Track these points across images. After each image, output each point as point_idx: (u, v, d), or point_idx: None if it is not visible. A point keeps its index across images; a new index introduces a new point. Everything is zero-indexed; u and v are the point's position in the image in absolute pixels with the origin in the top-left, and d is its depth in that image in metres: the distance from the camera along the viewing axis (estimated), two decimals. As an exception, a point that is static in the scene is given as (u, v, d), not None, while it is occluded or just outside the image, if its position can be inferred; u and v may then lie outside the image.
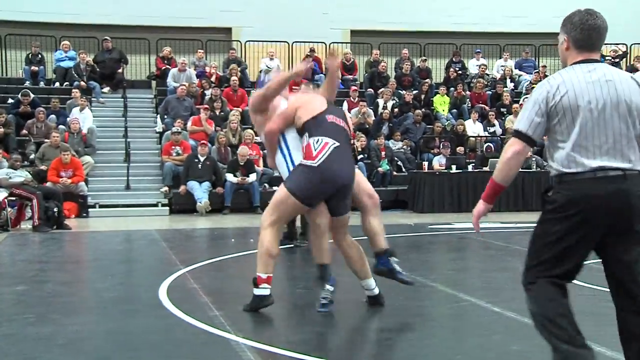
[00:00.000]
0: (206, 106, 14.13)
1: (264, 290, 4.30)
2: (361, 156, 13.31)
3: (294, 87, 7.50)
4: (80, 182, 11.97)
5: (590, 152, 2.57)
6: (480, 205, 2.73)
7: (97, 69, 15.35)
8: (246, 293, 4.55)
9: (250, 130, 13.16)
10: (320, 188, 4.15)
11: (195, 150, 12.80)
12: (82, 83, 14.86)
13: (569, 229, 2.57)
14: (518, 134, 2.65)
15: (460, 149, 14.51)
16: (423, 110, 15.39)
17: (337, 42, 16.89)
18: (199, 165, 12.44)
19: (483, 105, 15.68)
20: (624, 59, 16.99)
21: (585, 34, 2.64)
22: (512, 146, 2.65)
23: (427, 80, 16.30)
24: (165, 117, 14.33)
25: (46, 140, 12.62)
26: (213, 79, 15.53)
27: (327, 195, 4.20)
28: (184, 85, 14.54)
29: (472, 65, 17.25)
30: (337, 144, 4.20)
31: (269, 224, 4.25)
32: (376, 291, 4.55)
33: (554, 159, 2.65)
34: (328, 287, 4.26)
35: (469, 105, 15.76)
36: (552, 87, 2.63)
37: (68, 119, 13.50)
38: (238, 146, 13.04)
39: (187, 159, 12.57)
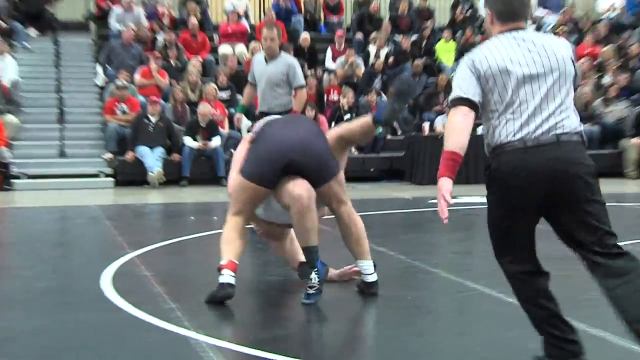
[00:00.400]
0: (158, 54, 14.01)
1: (222, 278, 4.38)
2: (348, 116, 13.30)
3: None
4: (1, 148, 11.89)
5: (521, 120, 2.91)
6: (444, 182, 2.90)
7: (20, 6, 15.06)
8: (208, 281, 4.60)
9: (213, 85, 13.12)
10: (267, 158, 4.40)
11: (145, 108, 12.76)
12: (1, 23, 14.60)
13: (509, 207, 2.94)
14: (457, 101, 2.94)
15: (468, 108, 14.62)
16: (424, 59, 15.35)
17: (319, -25, 16.75)
18: (150, 128, 12.40)
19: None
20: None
21: (507, 4, 2.97)
22: (456, 113, 2.93)
23: (428, 22, 16.23)
24: (108, 67, 14.19)
25: (-43, 95, 12.52)
26: (166, 21, 15.37)
27: (281, 165, 4.37)
28: (131, 28, 14.35)
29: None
30: (278, 116, 4.61)
31: (230, 215, 4.53)
32: (371, 278, 4.62)
33: (487, 132, 3.01)
34: (314, 274, 4.34)
35: (479, 53, 15.78)
36: (478, 56, 2.96)
37: (-17, 68, 13.38)
38: (198, 104, 12.99)
39: (135, 119, 12.52)
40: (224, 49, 14.89)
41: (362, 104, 13.87)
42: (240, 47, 15.02)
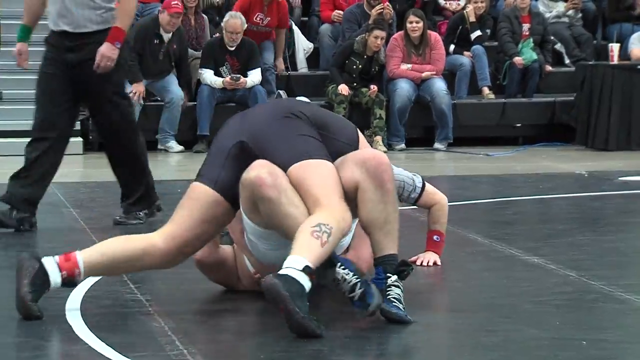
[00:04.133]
0: None
1: None
2: (477, 33, 13.13)
3: None
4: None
5: None
6: None
7: None
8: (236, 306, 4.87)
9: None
10: (213, 151, 5.24)
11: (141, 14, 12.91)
12: None
13: None
14: None
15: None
16: None
17: None
18: (160, 52, 12.40)
19: None
20: None
21: None
22: None
23: None
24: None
25: None
26: None
27: (225, 154, 5.10)
28: None
29: None
30: None
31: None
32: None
33: None
34: (339, 270, 4.79)
35: None
36: None
37: None
38: (223, 9, 13.00)
39: (138, 32, 12.48)
40: None
41: (505, 13, 13.69)
42: None
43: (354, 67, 12.85)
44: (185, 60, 12.66)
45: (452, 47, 13.59)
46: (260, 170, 4.82)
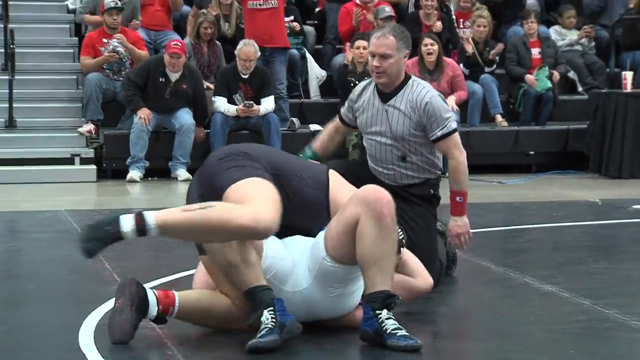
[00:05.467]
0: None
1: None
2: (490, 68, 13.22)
3: None
4: None
5: None
6: None
7: None
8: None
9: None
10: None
11: (155, 49, 12.88)
12: None
13: None
14: None
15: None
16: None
17: None
18: (167, 92, 12.40)
19: None
20: None
21: None
22: None
23: None
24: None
25: None
26: None
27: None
28: None
29: None
30: None
31: None
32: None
33: None
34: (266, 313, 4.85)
35: None
36: None
37: None
38: (235, 39, 13.00)
39: (141, 67, 12.54)
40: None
41: (513, 43, 13.71)
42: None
43: (352, 85, 12.82)
44: (201, 100, 12.58)
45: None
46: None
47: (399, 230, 5.22)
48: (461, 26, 14.44)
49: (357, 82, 12.66)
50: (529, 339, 5.17)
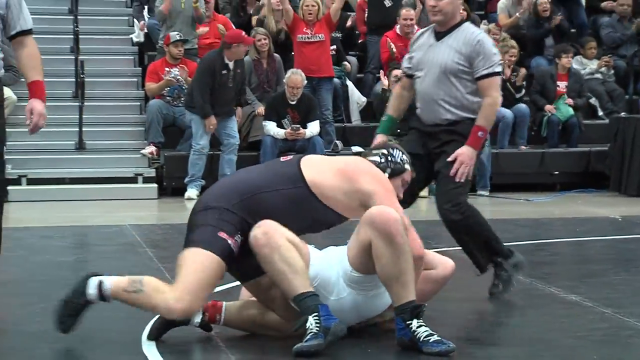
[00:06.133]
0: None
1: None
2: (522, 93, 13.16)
3: None
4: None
5: None
6: None
7: None
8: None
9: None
10: None
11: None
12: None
13: None
14: None
15: None
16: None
17: None
18: (226, 73, 12.29)
19: None
20: None
21: None
22: None
23: None
24: (148, 15, 14.45)
25: None
26: None
27: None
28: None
29: None
30: None
31: None
32: None
33: None
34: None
35: None
36: None
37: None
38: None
39: (208, 67, 12.31)
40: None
41: (541, 73, 13.65)
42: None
43: None
44: (245, 84, 12.69)
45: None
46: (255, 230, 4.91)
47: None
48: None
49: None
50: (555, 345, 5.14)
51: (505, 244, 6.44)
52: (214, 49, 12.77)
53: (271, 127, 12.56)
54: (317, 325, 4.77)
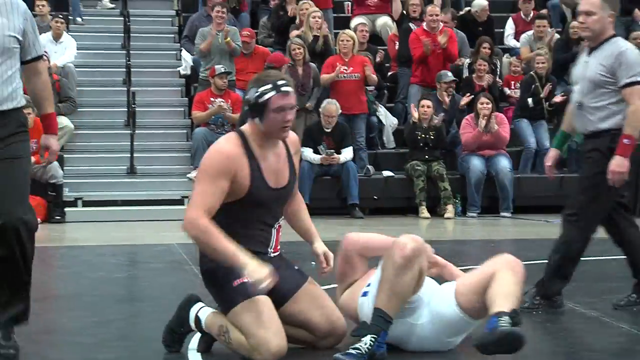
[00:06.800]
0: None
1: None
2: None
3: None
4: (52, 163, 12.21)
5: None
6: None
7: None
8: None
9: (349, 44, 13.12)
10: None
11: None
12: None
13: None
14: None
15: None
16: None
17: None
18: None
19: None
20: None
21: None
22: None
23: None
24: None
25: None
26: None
27: None
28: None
29: None
30: None
31: None
32: None
33: None
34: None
35: None
36: None
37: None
38: (325, 55, 13.15)
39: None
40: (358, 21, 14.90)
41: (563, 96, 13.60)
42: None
43: (419, 138, 12.86)
44: None
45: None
46: (411, 244, 4.77)
47: None
48: (512, 87, 14.38)
49: (423, 136, 12.76)
50: (575, 357, 5.08)
51: (527, 262, 6.38)
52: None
53: (308, 153, 12.56)
54: (369, 347, 4.65)
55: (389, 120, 13.90)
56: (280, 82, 4.82)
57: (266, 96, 4.77)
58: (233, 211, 4.87)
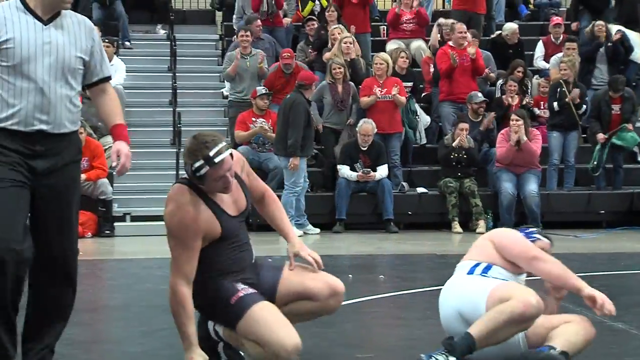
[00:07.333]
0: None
1: None
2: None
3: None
4: (101, 179, 12.26)
5: None
6: None
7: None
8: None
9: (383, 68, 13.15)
10: None
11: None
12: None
13: None
14: None
15: None
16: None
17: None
18: (307, 110, 12.26)
19: None
20: None
21: None
22: None
23: None
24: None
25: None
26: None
27: None
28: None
29: None
30: None
31: None
32: None
33: None
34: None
35: None
36: None
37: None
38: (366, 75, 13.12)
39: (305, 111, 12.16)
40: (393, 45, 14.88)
41: (594, 99, 13.54)
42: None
43: (452, 157, 12.82)
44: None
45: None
46: (533, 300, 4.82)
47: None
48: (541, 107, 14.30)
49: (456, 155, 12.71)
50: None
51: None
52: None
53: (345, 170, 12.57)
54: None
55: (423, 119, 13.88)
56: (212, 154, 4.60)
57: (202, 171, 4.61)
58: (209, 256, 4.79)
